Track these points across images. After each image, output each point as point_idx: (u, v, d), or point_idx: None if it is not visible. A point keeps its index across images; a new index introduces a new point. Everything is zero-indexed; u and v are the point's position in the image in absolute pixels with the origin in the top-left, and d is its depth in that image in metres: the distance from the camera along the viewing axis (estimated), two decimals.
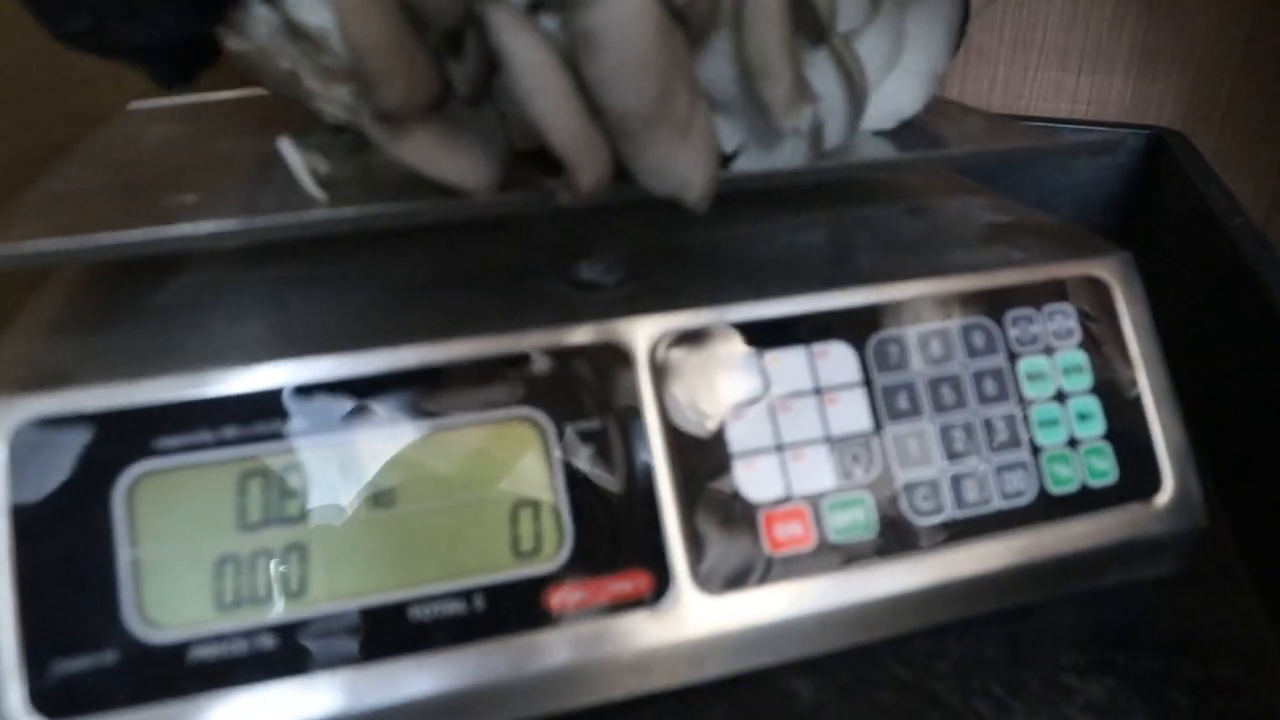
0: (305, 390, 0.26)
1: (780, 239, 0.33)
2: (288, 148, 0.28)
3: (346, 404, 0.26)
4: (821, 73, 0.28)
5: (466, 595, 0.26)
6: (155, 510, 0.25)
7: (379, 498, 0.26)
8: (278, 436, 0.26)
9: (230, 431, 0.25)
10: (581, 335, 0.28)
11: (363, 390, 0.26)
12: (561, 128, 0.22)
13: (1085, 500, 0.30)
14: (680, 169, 0.25)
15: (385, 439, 0.26)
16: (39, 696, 0.24)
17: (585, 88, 0.22)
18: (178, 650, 0.24)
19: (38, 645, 0.24)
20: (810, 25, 0.27)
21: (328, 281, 0.30)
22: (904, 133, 0.33)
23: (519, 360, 0.27)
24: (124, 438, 0.25)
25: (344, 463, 0.26)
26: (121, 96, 0.43)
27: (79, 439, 0.25)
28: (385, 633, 0.25)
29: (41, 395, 0.25)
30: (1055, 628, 0.33)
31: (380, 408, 0.26)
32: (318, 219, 0.26)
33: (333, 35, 0.27)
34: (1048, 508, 0.30)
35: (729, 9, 0.25)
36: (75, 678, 0.24)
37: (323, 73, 0.28)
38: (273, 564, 0.25)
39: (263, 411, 0.26)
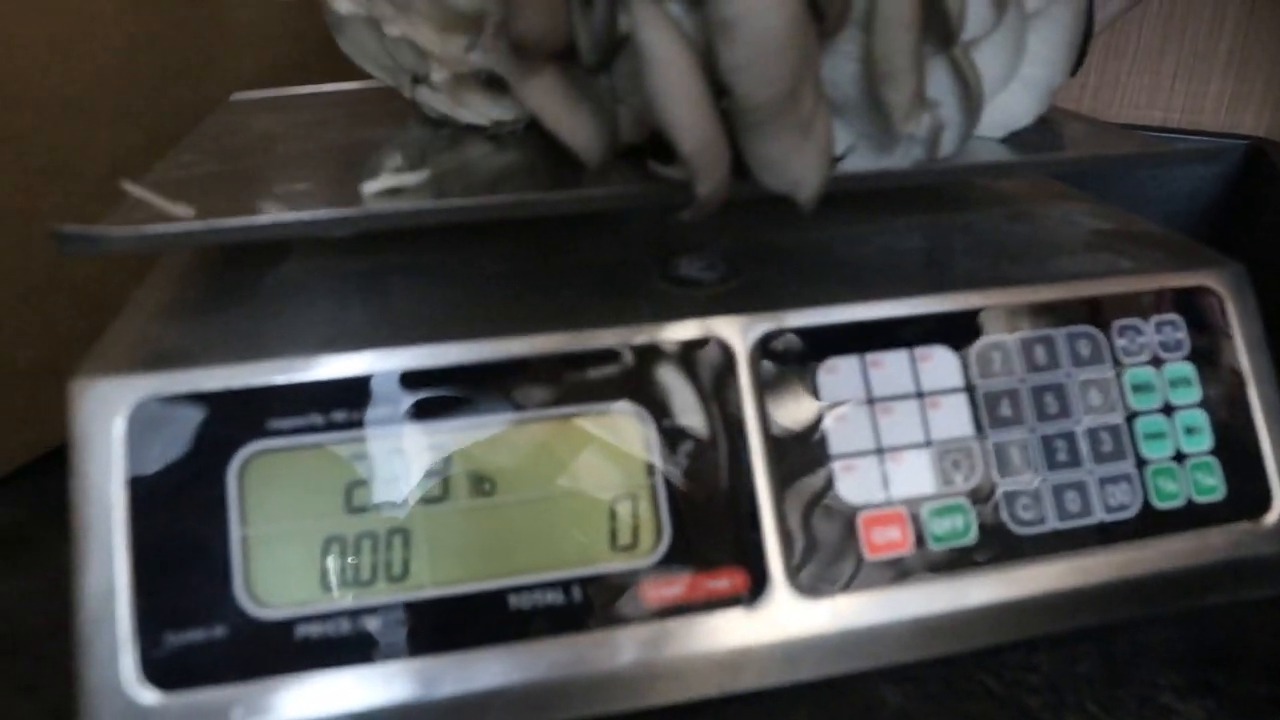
0: (412, 377, 0.26)
1: (879, 241, 0.33)
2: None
3: (452, 392, 0.26)
4: (937, 81, 0.28)
5: (564, 586, 0.26)
6: (266, 490, 0.25)
7: (480, 486, 0.26)
8: (385, 422, 0.26)
9: (340, 415, 0.26)
10: (683, 331, 0.28)
11: (468, 379, 0.26)
12: (690, 129, 0.22)
13: (1190, 517, 0.29)
14: (797, 166, 0.25)
15: (488, 428, 0.26)
16: (151, 667, 0.24)
17: (716, 82, 0.22)
18: (284, 627, 0.25)
19: (150, 617, 0.24)
20: (938, 31, 0.26)
21: (430, 271, 0.31)
22: (1010, 138, 0.33)
23: (621, 354, 0.27)
24: (238, 418, 0.25)
25: (447, 450, 0.26)
26: (222, 88, 0.44)
27: (194, 418, 0.25)
28: (483, 619, 0.26)
29: (159, 374, 0.26)
30: (1151, 645, 0.32)
31: (484, 397, 0.26)
32: (431, 208, 0.27)
33: None
34: (1152, 523, 0.29)
35: (861, 9, 0.25)
36: (185, 650, 0.24)
37: (441, 21, 0.29)
38: (376, 547, 0.26)
39: (371, 397, 0.26)
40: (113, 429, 0.25)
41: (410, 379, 0.26)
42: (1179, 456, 0.30)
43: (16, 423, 0.40)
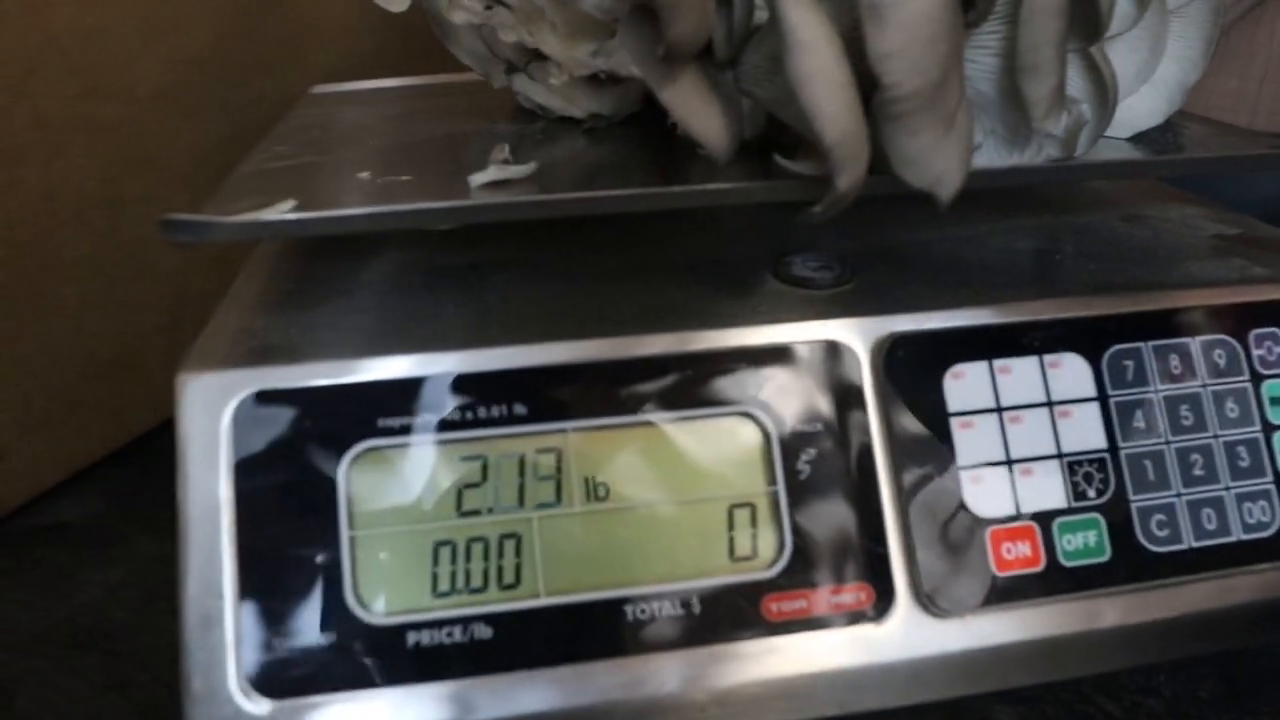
0: (526, 376, 0.25)
1: (993, 242, 0.32)
2: None
3: (566, 393, 0.25)
4: (1073, 78, 0.27)
5: (682, 598, 0.25)
6: (374, 491, 0.24)
7: (594, 491, 0.25)
8: (496, 422, 0.25)
9: (452, 415, 0.25)
10: (803, 334, 0.26)
11: (581, 379, 0.25)
12: (835, 117, 0.21)
13: None
14: (940, 162, 0.23)
15: (602, 431, 0.25)
16: (256, 673, 0.23)
17: (861, 70, 0.21)
18: (394, 634, 0.24)
19: (256, 622, 0.24)
20: (1085, 24, 0.25)
21: (534, 267, 0.30)
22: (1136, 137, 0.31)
23: (738, 357, 0.26)
24: (348, 415, 0.25)
25: (561, 453, 0.25)
26: (303, 81, 0.43)
27: (303, 414, 0.25)
28: (598, 631, 0.24)
29: (267, 368, 0.25)
30: (1272, 670, 0.31)
31: (598, 399, 0.25)
32: (550, 200, 0.26)
33: None
34: None
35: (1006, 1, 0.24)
36: (292, 658, 0.24)
37: (568, 28, 0.28)
38: (488, 553, 0.25)
39: (484, 396, 0.25)
40: (219, 424, 0.24)
41: (523, 378, 0.25)
42: None
43: (97, 415, 0.40)
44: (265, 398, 0.25)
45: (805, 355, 0.26)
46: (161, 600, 0.35)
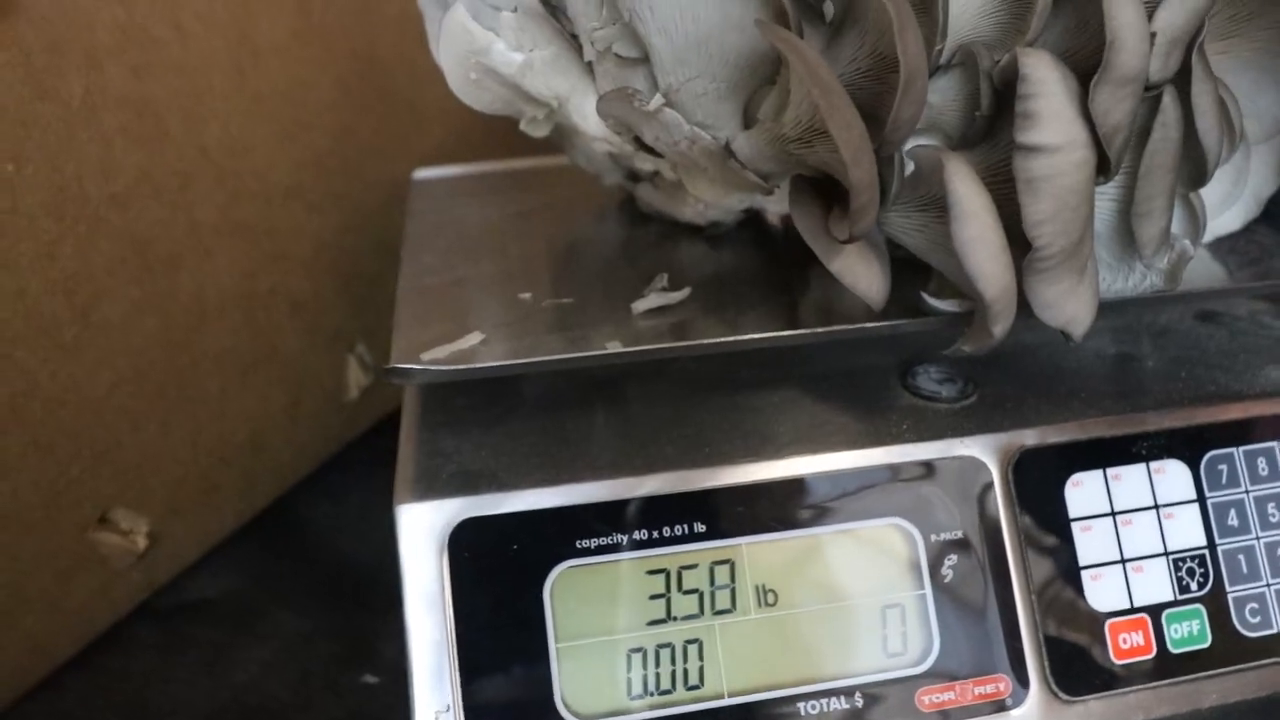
0: (699, 497, 0.28)
1: (1087, 347, 0.35)
2: None
3: (738, 511, 0.28)
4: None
5: (848, 693, 0.28)
6: (576, 605, 0.27)
7: (765, 598, 0.28)
8: (677, 540, 0.28)
9: (639, 534, 0.28)
10: (943, 450, 0.30)
11: (752, 498, 0.28)
12: (995, 278, 0.24)
13: None
14: (1073, 305, 0.27)
15: (770, 544, 0.28)
16: None
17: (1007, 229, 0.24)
18: None
19: None
20: (1192, 173, 0.28)
21: (682, 384, 0.33)
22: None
23: (887, 472, 0.29)
24: (550, 537, 0.28)
25: (734, 565, 0.28)
26: (407, 163, 0.45)
27: (510, 538, 0.27)
28: None
29: (474, 497, 0.28)
30: None
31: (765, 515, 0.28)
32: (738, 340, 0.29)
33: (749, 155, 0.29)
34: None
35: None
36: None
37: (727, 185, 0.30)
38: (674, 657, 0.28)
39: (667, 516, 0.28)
40: (436, 549, 0.27)
41: (700, 498, 0.28)
42: None
43: (231, 495, 0.42)
44: (475, 525, 0.27)
45: (944, 469, 0.29)
46: (316, 678, 0.37)
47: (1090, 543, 0.30)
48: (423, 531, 0.27)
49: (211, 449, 0.41)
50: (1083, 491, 0.30)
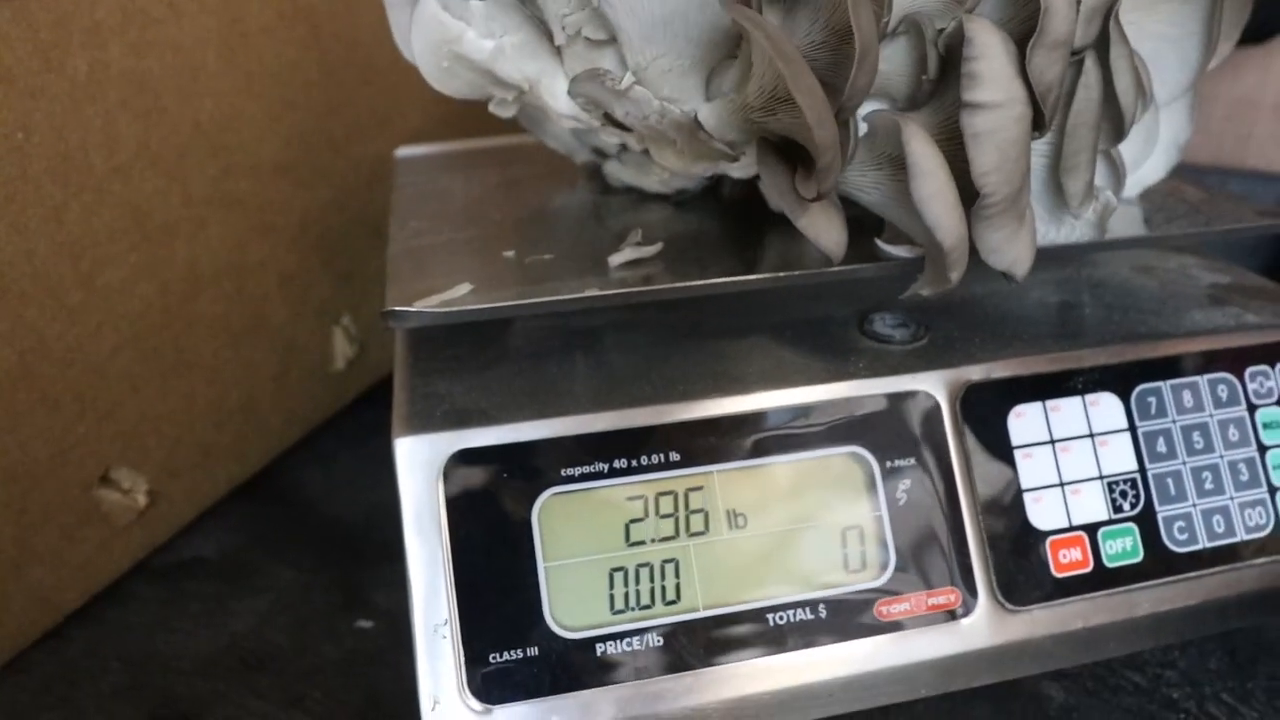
0: (674, 429, 0.31)
1: (1030, 295, 0.38)
2: None
3: (710, 441, 0.31)
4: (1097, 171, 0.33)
5: (811, 605, 0.31)
6: (562, 528, 0.30)
7: (735, 521, 0.31)
8: (654, 468, 0.30)
9: (619, 463, 0.30)
10: (896, 385, 0.32)
11: (723, 430, 0.31)
12: (951, 228, 0.27)
13: None
14: (1015, 248, 0.29)
15: (741, 471, 0.31)
16: (475, 684, 0.28)
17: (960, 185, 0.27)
18: (586, 645, 0.29)
19: (473, 641, 0.29)
20: (1112, 133, 0.31)
21: (660, 330, 0.35)
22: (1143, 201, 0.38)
23: (847, 406, 0.32)
24: (537, 467, 0.30)
25: (707, 491, 0.31)
26: (388, 143, 0.48)
27: (501, 468, 0.30)
28: (746, 635, 0.30)
29: (468, 430, 0.30)
30: (1267, 643, 0.37)
31: (736, 445, 0.31)
32: (708, 284, 0.31)
33: (715, 125, 0.31)
34: None
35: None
36: (504, 669, 0.29)
37: (694, 155, 0.33)
38: (653, 575, 0.30)
39: (642, 446, 0.30)
40: (433, 478, 0.29)
41: (675, 430, 0.31)
42: None
43: (225, 458, 0.44)
44: (468, 455, 0.30)
45: (898, 402, 0.32)
46: (313, 624, 0.39)
47: (1032, 468, 0.33)
48: (420, 463, 0.29)
49: (205, 413, 0.42)
50: (1024, 422, 0.33)
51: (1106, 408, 0.34)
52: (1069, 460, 0.33)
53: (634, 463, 0.30)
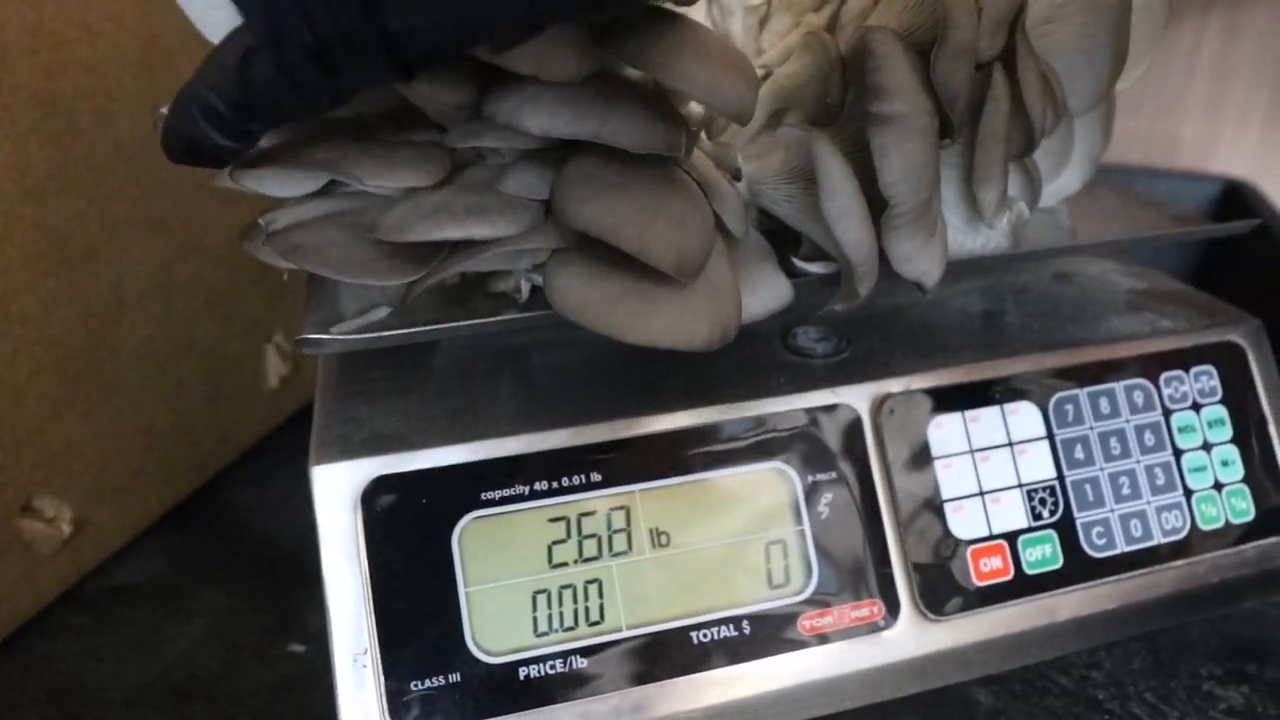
0: (595, 449, 0.31)
1: (954, 305, 0.38)
2: None
3: (632, 460, 0.31)
4: (1010, 181, 0.33)
5: (735, 621, 0.31)
6: (483, 552, 0.30)
7: (658, 539, 0.31)
8: (576, 489, 0.30)
9: (539, 485, 0.30)
10: (817, 399, 0.32)
11: (641, 449, 0.31)
12: (860, 244, 0.27)
13: (1229, 535, 0.35)
14: (925, 259, 0.30)
15: (663, 489, 0.31)
16: (398, 713, 0.28)
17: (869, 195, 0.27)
18: (509, 670, 0.29)
19: (394, 670, 0.29)
20: (1022, 145, 0.32)
21: (578, 346, 0.35)
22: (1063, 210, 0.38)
23: (766, 421, 0.32)
24: (456, 491, 0.30)
25: (629, 510, 0.31)
26: None
27: (419, 493, 0.30)
28: (671, 654, 0.30)
29: (384, 456, 0.30)
30: (1190, 643, 0.38)
31: (656, 463, 0.31)
32: None
33: None
34: (1199, 542, 0.35)
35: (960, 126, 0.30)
36: (427, 696, 0.29)
37: None
38: (576, 596, 0.30)
39: (565, 468, 0.30)
40: (350, 506, 0.29)
41: (596, 450, 0.31)
42: (1217, 485, 0.35)
43: (155, 482, 0.44)
44: (386, 482, 0.29)
45: (818, 417, 0.32)
46: (245, 650, 0.39)
47: (952, 478, 0.33)
48: (337, 491, 0.29)
49: (134, 437, 0.42)
50: (944, 432, 0.33)
51: (1025, 416, 0.34)
52: (989, 469, 0.34)
53: (555, 484, 0.30)
